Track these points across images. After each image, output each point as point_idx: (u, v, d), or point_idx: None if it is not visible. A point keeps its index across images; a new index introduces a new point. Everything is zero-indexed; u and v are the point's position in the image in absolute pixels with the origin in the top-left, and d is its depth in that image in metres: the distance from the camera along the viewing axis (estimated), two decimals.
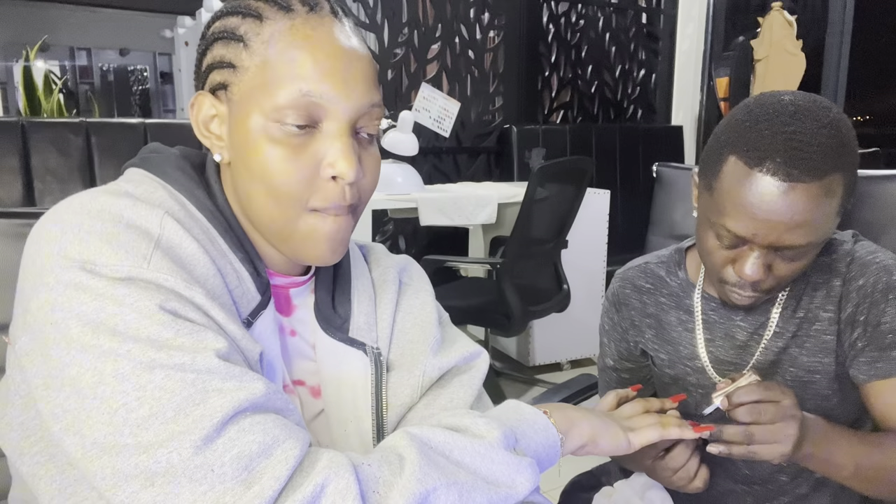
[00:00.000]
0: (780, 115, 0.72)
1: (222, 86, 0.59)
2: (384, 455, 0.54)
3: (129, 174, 0.61)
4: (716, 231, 0.77)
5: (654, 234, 1.48)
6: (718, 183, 0.75)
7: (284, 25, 0.57)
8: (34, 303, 0.50)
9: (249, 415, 0.49)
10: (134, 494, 0.46)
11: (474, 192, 2.71)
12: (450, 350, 0.71)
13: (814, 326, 0.86)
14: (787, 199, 0.70)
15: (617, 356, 1.03)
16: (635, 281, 1.00)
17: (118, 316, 0.48)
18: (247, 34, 0.57)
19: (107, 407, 0.47)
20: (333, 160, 0.57)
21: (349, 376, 0.66)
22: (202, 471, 0.46)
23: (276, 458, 0.48)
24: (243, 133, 0.58)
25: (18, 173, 2.30)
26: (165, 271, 0.51)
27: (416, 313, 0.72)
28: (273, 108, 0.56)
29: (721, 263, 0.79)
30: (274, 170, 0.57)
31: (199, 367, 0.49)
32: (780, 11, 3.48)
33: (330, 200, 0.59)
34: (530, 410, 0.67)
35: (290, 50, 0.56)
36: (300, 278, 0.68)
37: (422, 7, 3.22)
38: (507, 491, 0.57)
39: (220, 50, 0.59)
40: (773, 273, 0.77)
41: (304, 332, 0.68)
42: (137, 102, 7.74)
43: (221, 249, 0.59)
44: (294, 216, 0.59)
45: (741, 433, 0.73)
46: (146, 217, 0.54)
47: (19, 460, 0.55)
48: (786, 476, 0.93)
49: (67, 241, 0.51)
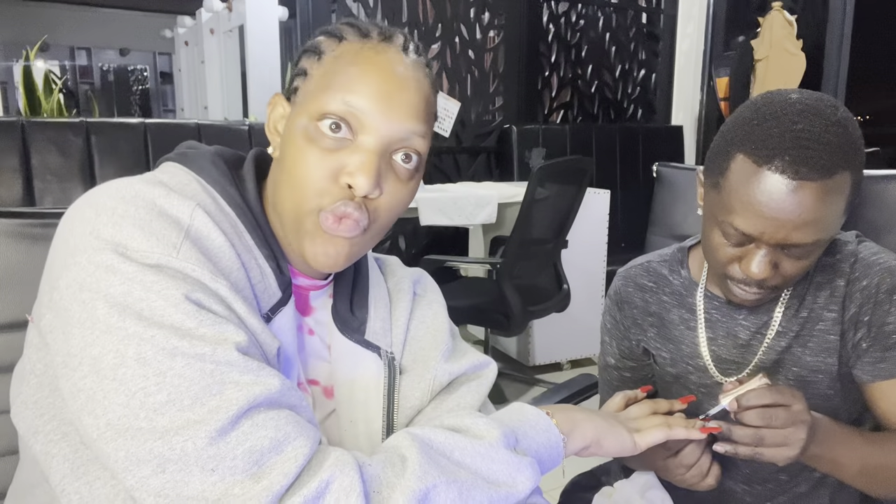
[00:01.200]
0: (787, 113, 0.72)
1: (295, 90, 0.64)
2: (387, 456, 0.55)
3: (165, 167, 0.62)
4: (723, 229, 0.77)
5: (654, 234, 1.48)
6: (726, 181, 0.75)
7: (355, 47, 0.62)
8: (63, 280, 0.52)
9: (264, 410, 0.50)
10: (144, 479, 0.47)
11: (474, 192, 2.71)
12: (461, 358, 0.73)
13: (817, 326, 0.86)
14: (795, 197, 0.70)
15: (619, 355, 1.03)
16: (638, 279, 1.00)
17: (145, 301, 0.50)
18: (325, 50, 0.63)
19: (125, 389, 0.48)
20: (353, 169, 0.59)
21: (363, 378, 0.67)
22: (214, 461, 0.47)
23: (287, 454, 0.49)
24: (290, 130, 0.62)
25: (18, 173, 2.30)
26: (193, 261, 0.53)
27: (429, 322, 0.74)
28: (317, 111, 0.60)
29: (727, 261, 0.79)
30: (301, 164, 0.60)
31: (218, 358, 0.50)
32: (780, 11, 3.49)
33: (337, 201, 0.59)
34: (533, 411, 0.68)
35: (349, 66, 0.60)
36: (321, 281, 0.69)
37: (422, 7, 3.22)
38: (508, 490, 0.57)
39: (304, 61, 0.64)
40: (779, 271, 0.77)
41: (322, 333, 0.69)
42: (137, 102, 7.74)
43: (248, 245, 0.60)
44: (305, 212, 0.60)
45: (751, 436, 0.73)
46: (178, 207, 0.55)
47: (33, 438, 0.56)
48: (785, 475, 0.93)
49: (101, 223, 0.52)
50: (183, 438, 0.47)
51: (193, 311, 0.50)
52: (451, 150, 3.38)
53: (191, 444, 0.47)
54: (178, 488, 0.47)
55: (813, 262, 0.77)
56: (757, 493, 0.95)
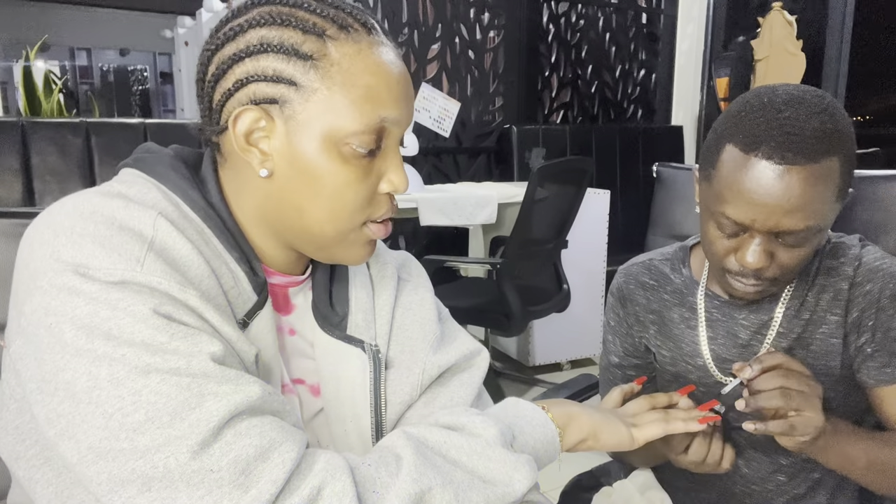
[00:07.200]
0: (773, 103, 0.74)
1: (274, 100, 0.56)
2: (381, 455, 0.55)
3: (123, 174, 0.60)
4: (716, 220, 0.78)
5: (654, 234, 1.48)
6: (717, 172, 0.77)
7: (352, 49, 0.57)
8: (28, 306, 0.50)
9: (246, 418, 0.49)
10: (131, 500, 0.46)
11: (474, 192, 2.71)
12: (450, 347, 0.71)
13: (820, 329, 0.87)
14: (782, 182, 0.71)
15: (623, 353, 1.02)
16: (639, 277, 1.00)
17: (112, 320, 0.48)
18: (314, 53, 0.56)
19: (102, 412, 0.47)
20: (393, 177, 0.61)
21: (348, 374, 0.66)
22: (199, 475, 0.46)
23: (274, 461, 0.48)
24: (310, 152, 0.57)
25: (18, 173, 2.30)
26: (159, 274, 0.51)
27: (415, 310, 0.72)
28: (351, 132, 0.57)
29: (723, 253, 0.80)
30: (346, 190, 0.58)
31: (194, 370, 0.48)
32: (780, 11, 3.49)
33: (384, 212, 0.62)
34: (528, 406, 0.67)
35: (365, 76, 0.57)
36: (298, 277, 0.67)
37: (422, 7, 3.22)
38: (504, 489, 0.57)
39: (274, 63, 0.56)
40: (775, 261, 0.77)
41: (303, 330, 0.68)
42: (137, 102, 7.74)
43: (216, 250, 0.58)
44: (349, 230, 0.61)
45: (777, 395, 0.72)
46: (139, 218, 0.53)
47: (15, 464, 0.55)
48: (784, 476, 0.93)
49: (60, 244, 0.50)
50: (165, 455, 0.46)
51: (163, 324, 0.49)
52: (451, 151, 3.38)
53: (173, 461, 0.46)
54: None
55: (809, 253, 0.77)
56: (755, 494, 0.95)
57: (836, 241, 0.88)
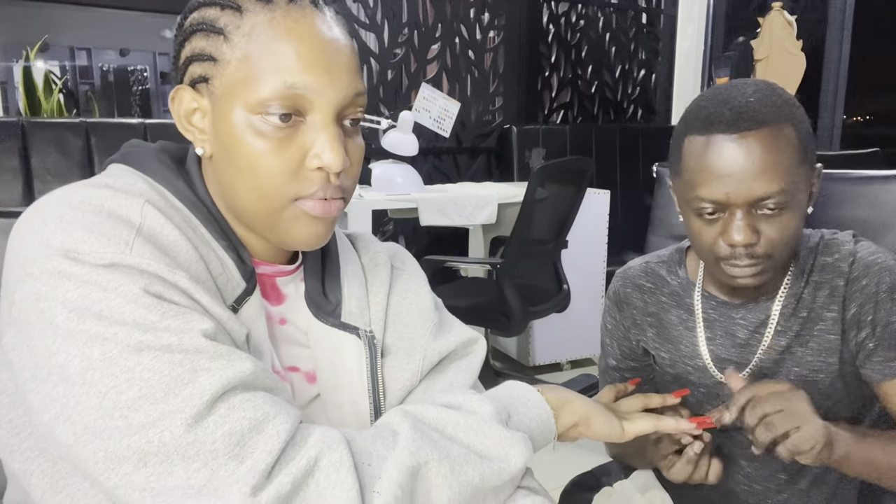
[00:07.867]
0: (718, 91, 0.80)
1: (203, 79, 0.58)
2: (378, 430, 0.55)
3: (110, 169, 0.61)
4: (694, 208, 0.80)
5: (654, 234, 1.48)
6: (683, 164, 0.81)
7: (265, 17, 0.56)
8: (18, 294, 0.50)
9: (239, 392, 0.50)
10: (127, 476, 0.46)
11: (474, 192, 2.71)
12: (448, 334, 0.72)
13: (817, 326, 0.87)
14: (742, 148, 0.75)
15: (620, 356, 1.03)
16: (636, 280, 1.00)
17: (103, 301, 0.49)
18: (227, 27, 0.56)
19: (96, 391, 0.47)
20: (320, 151, 0.57)
21: (344, 361, 0.66)
22: (194, 448, 0.46)
23: (268, 433, 0.49)
24: (227, 127, 0.57)
25: (18, 173, 2.30)
26: (148, 256, 0.51)
27: (412, 298, 0.72)
28: (257, 102, 0.55)
29: (711, 241, 0.80)
30: (260, 164, 0.56)
31: (186, 347, 0.49)
32: (780, 11, 3.49)
33: (317, 189, 0.58)
34: (525, 388, 0.68)
35: (273, 42, 0.55)
36: (287, 267, 0.68)
37: (422, 7, 3.22)
38: (500, 465, 0.58)
39: (200, 42, 0.58)
40: (762, 236, 0.78)
41: (296, 319, 0.68)
42: (137, 102, 7.74)
43: (204, 238, 0.59)
44: (279, 207, 0.58)
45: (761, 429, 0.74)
46: (127, 206, 0.54)
47: (9, 458, 0.55)
48: (785, 474, 0.93)
49: (50, 231, 0.51)
50: (159, 430, 0.46)
51: (154, 303, 0.50)
52: (451, 151, 3.38)
53: (168, 434, 0.46)
54: (162, 480, 0.46)
55: (793, 224, 0.78)
56: (757, 492, 0.95)
57: (829, 237, 0.89)
